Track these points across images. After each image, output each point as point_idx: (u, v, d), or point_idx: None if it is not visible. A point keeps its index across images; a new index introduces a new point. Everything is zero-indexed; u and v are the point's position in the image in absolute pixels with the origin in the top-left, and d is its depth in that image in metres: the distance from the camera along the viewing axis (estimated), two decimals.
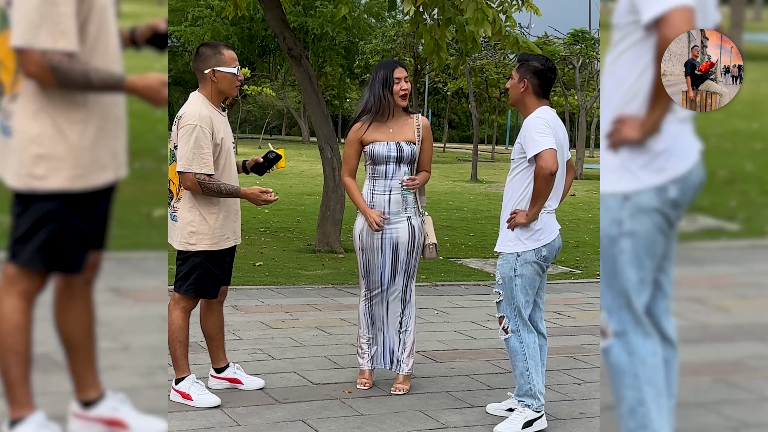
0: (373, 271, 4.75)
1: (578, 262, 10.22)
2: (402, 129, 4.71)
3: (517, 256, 4.19)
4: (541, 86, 4.23)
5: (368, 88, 4.76)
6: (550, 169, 4.01)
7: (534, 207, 4.11)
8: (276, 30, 10.11)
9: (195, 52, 4.47)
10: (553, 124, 4.16)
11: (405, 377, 4.81)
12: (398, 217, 4.72)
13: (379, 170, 4.69)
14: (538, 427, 4.23)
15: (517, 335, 4.22)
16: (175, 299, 4.45)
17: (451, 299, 7.61)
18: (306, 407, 4.43)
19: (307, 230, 11.89)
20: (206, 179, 4.27)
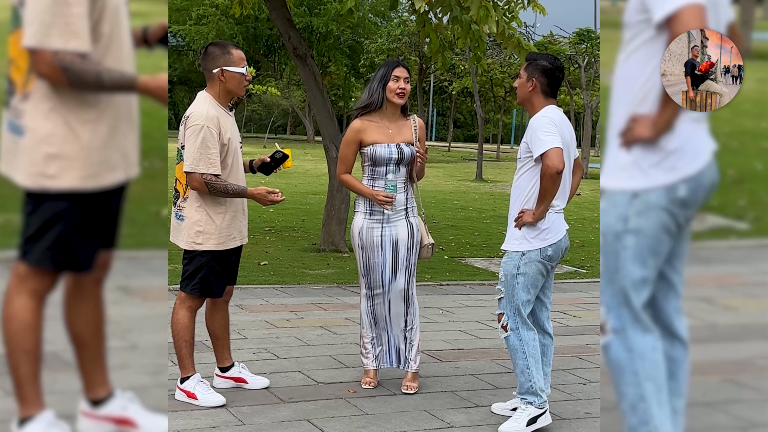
0: (373, 270, 4.75)
1: (583, 261, 10.21)
2: (401, 130, 4.75)
3: (521, 254, 4.19)
4: (549, 85, 4.23)
5: (369, 83, 4.82)
6: (557, 168, 4.01)
7: (541, 206, 4.11)
8: (281, 29, 10.11)
9: (203, 51, 4.46)
10: (560, 123, 4.15)
11: (414, 375, 4.82)
12: (398, 215, 4.74)
13: (379, 171, 4.71)
14: (542, 423, 4.23)
15: (517, 333, 4.22)
16: (181, 298, 4.45)
17: (456, 299, 7.61)
18: (311, 407, 4.42)
19: (311, 229, 11.89)
20: (213, 179, 4.27)
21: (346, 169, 4.79)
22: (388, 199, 4.64)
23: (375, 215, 4.73)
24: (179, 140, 4.40)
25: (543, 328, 4.39)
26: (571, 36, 29.63)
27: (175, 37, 45.62)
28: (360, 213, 4.77)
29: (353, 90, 50.50)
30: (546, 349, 4.40)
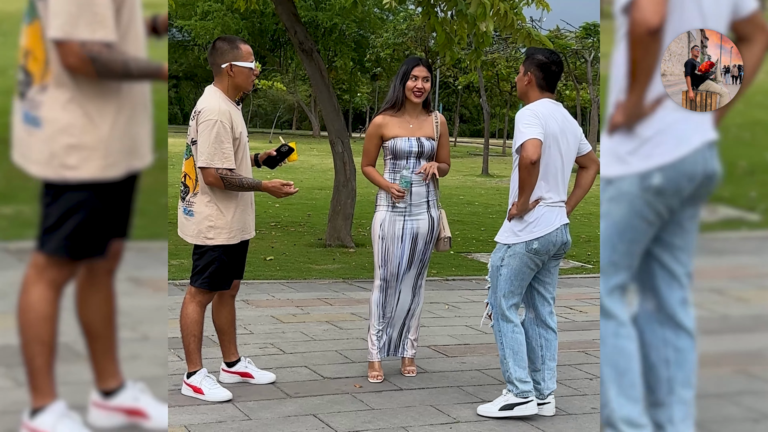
0: (391, 261, 4.84)
1: (590, 256, 10.20)
2: (422, 125, 4.85)
3: (507, 247, 4.28)
4: (545, 79, 4.27)
5: (393, 80, 4.96)
6: (530, 159, 4.04)
7: (521, 197, 4.18)
8: (287, 24, 10.10)
9: (211, 46, 4.47)
10: (545, 116, 4.16)
11: (410, 360, 4.99)
12: (419, 208, 4.84)
13: (401, 165, 4.82)
14: (522, 412, 4.27)
15: (497, 324, 4.33)
16: (192, 293, 4.46)
17: (462, 294, 7.60)
18: (317, 401, 4.43)
19: (317, 225, 11.90)
20: (228, 174, 4.28)
21: (369, 162, 4.92)
22: (400, 194, 4.73)
23: (397, 208, 4.83)
24: (189, 135, 4.40)
25: (546, 323, 4.41)
26: (577, 30, 29.55)
27: (181, 32, 45.65)
28: (382, 207, 4.86)
29: (359, 84, 50.49)
30: (549, 344, 4.41)
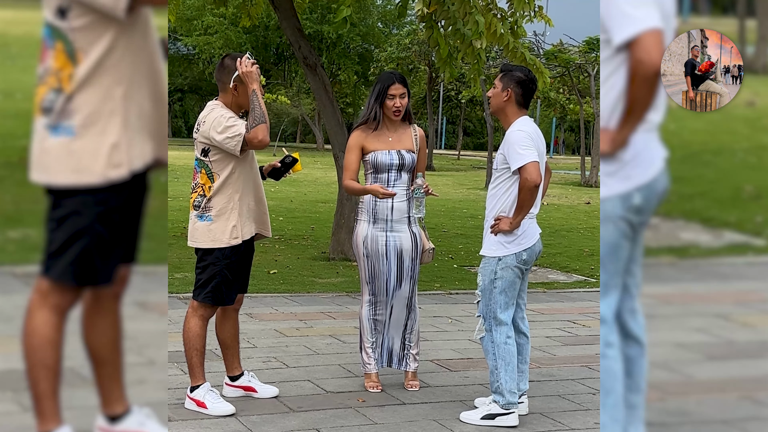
0: (378, 277, 4.87)
1: (593, 270, 10.19)
2: (401, 138, 4.88)
3: (498, 259, 4.40)
4: (523, 96, 4.44)
5: (369, 97, 4.95)
6: (535, 182, 4.25)
7: (518, 216, 4.33)
8: (291, 39, 10.13)
9: (219, 62, 4.51)
10: (534, 137, 4.37)
11: (413, 374, 4.99)
12: (401, 224, 4.87)
13: (381, 178, 4.83)
14: (503, 423, 4.36)
15: (490, 335, 4.42)
16: (194, 307, 4.47)
17: (465, 307, 7.60)
18: (320, 416, 4.43)
19: (321, 238, 11.90)
20: (251, 126, 4.27)
21: (351, 176, 4.90)
22: (386, 193, 4.73)
23: (378, 223, 4.85)
24: (196, 148, 4.44)
25: (518, 328, 4.58)
26: (580, 45, 29.54)
27: (186, 46, 45.80)
28: (363, 221, 4.88)
29: (362, 98, 50.56)
30: (522, 348, 4.58)
